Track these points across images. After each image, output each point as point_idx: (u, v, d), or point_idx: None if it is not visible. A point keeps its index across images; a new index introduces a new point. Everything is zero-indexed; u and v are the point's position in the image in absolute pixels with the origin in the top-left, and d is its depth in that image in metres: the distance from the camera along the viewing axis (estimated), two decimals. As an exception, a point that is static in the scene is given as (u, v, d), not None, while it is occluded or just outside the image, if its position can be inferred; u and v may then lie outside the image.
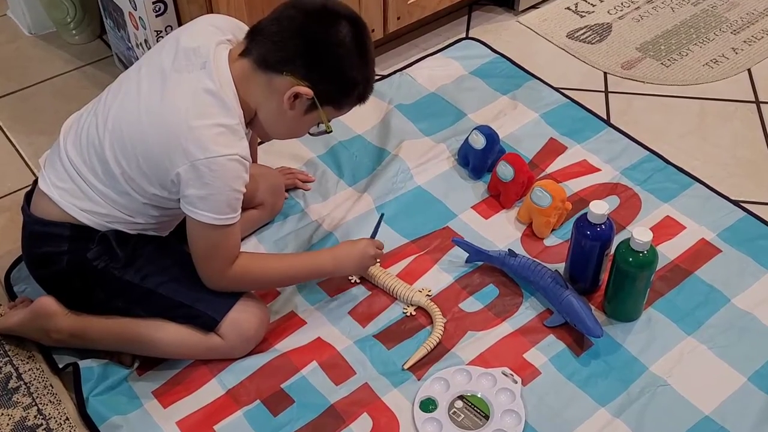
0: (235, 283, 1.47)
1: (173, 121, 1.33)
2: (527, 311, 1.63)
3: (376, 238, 1.64)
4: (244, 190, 1.39)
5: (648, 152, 1.96)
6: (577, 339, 1.58)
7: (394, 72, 2.20)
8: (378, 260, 1.67)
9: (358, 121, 2.02)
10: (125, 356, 1.54)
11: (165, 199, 1.42)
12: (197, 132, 1.32)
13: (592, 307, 1.62)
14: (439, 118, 2.06)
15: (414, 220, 1.81)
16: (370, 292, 1.66)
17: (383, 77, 2.19)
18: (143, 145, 1.37)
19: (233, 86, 1.36)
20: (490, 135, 1.86)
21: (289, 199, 1.85)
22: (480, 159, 1.88)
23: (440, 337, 1.57)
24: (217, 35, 1.41)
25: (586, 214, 1.56)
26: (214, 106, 1.34)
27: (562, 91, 2.15)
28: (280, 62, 1.35)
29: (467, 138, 1.90)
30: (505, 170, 1.81)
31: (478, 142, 1.86)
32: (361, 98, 1.42)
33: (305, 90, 1.35)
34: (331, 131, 1.43)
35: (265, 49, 1.36)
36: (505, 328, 1.60)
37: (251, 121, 1.44)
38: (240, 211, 1.40)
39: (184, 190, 1.36)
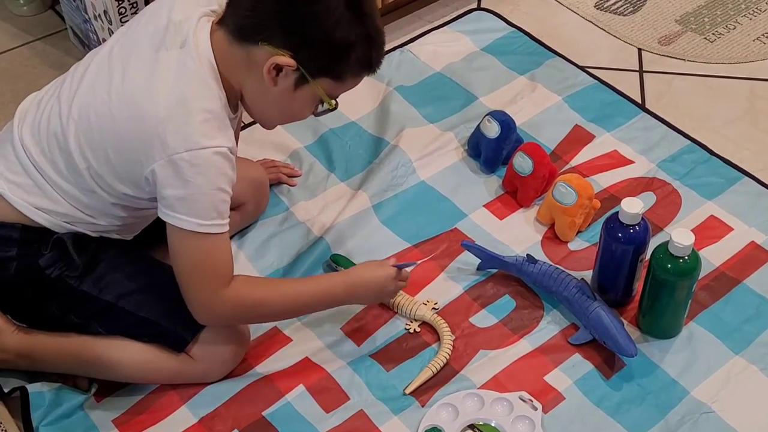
0: (229, 311, 1.44)
1: (150, 108, 1.32)
2: (549, 326, 1.63)
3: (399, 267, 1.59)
4: (231, 192, 1.38)
5: (689, 141, 1.97)
6: (607, 359, 1.58)
7: (394, 48, 2.20)
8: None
9: (351, 105, 2.02)
10: (81, 380, 1.54)
11: (137, 199, 1.43)
12: (178, 120, 1.32)
13: (625, 322, 1.62)
14: (445, 102, 2.07)
15: (417, 220, 1.82)
16: (365, 304, 1.67)
17: (381, 55, 2.19)
18: (114, 136, 1.36)
19: (214, 64, 1.36)
20: (506, 122, 1.87)
21: (272, 197, 1.85)
22: (494, 149, 1.88)
23: (448, 356, 1.57)
24: (202, 5, 1.41)
25: (617, 213, 1.57)
26: (196, 90, 1.34)
27: (590, 70, 2.15)
28: (255, 30, 1.33)
29: (479, 125, 1.91)
30: (522, 162, 1.81)
31: (492, 129, 1.87)
32: (366, 63, 1.37)
33: (284, 60, 1.32)
34: (335, 107, 1.40)
35: (240, 16, 1.35)
36: (523, 346, 1.61)
37: (239, 104, 1.44)
38: (228, 219, 1.38)
39: (162, 190, 1.35)
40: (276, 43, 1.32)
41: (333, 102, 1.40)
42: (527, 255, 1.68)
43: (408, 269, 1.59)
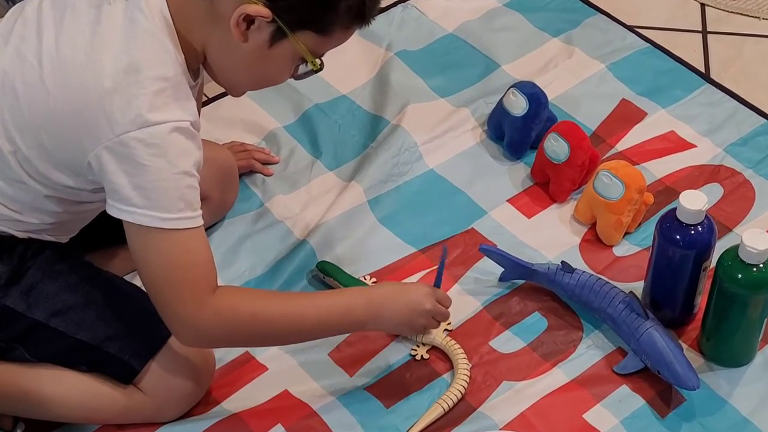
0: (221, 326, 1.41)
1: (92, 77, 1.32)
2: (589, 352, 1.64)
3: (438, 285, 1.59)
4: (198, 176, 1.37)
5: (765, 120, 1.97)
6: (662, 392, 1.58)
7: (395, 3, 2.20)
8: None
9: (342, 74, 2.02)
10: (5, 418, 1.54)
11: (76, 190, 1.42)
12: (127, 91, 1.31)
13: (684, 346, 1.62)
14: (459, 71, 2.07)
15: (424, 219, 1.82)
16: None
17: (379, 11, 2.18)
18: (48, 112, 1.36)
19: (169, 18, 1.36)
20: (535, 95, 1.87)
21: (242, 188, 1.85)
22: (520, 130, 1.88)
23: (463, 390, 1.57)
24: None
25: (674, 210, 1.57)
26: (149, 53, 1.34)
27: (640, 30, 2.15)
28: None
29: (501, 100, 1.91)
30: (556, 146, 1.81)
31: (518, 105, 1.87)
32: (359, 13, 1.37)
33: (257, 9, 1.32)
34: (321, 68, 1.40)
35: None
36: (558, 376, 1.61)
37: (202, 66, 1.44)
38: (200, 209, 1.37)
39: (110, 178, 1.33)
40: None
41: (317, 61, 1.39)
42: (562, 262, 1.68)
43: (445, 295, 1.58)
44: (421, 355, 1.63)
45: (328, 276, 1.70)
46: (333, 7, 1.34)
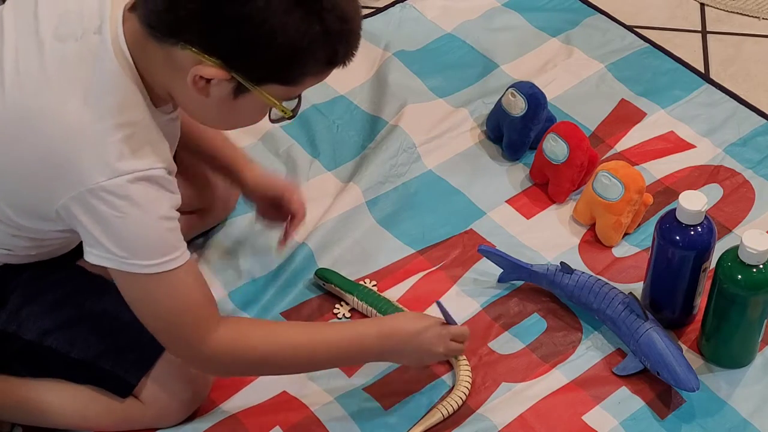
0: (226, 362, 1.41)
1: (55, 125, 1.26)
2: (588, 353, 1.64)
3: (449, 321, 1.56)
4: (177, 214, 1.33)
5: (765, 120, 1.97)
6: (662, 394, 1.58)
7: (394, 3, 2.20)
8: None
9: (339, 74, 2.00)
10: (3, 425, 1.54)
11: (47, 232, 1.39)
12: (93, 139, 1.25)
13: (684, 347, 1.62)
14: (458, 71, 2.07)
15: (422, 220, 1.82)
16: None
17: (377, 11, 2.19)
18: (8, 158, 1.30)
19: (131, 62, 1.28)
20: (534, 96, 1.87)
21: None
22: (519, 131, 1.89)
23: (465, 394, 1.57)
24: None
25: (674, 210, 1.57)
26: (115, 97, 1.27)
27: (639, 30, 2.15)
28: (172, 30, 1.24)
29: (500, 100, 1.91)
30: (555, 147, 1.81)
31: (516, 106, 1.87)
32: (330, 62, 1.29)
33: (212, 72, 1.24)
34: (292, 116, 1.32)
35: (150, 8, 1.25)
36: (557, 377, 1.61)
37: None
38: (184, 243, 1.34)
39: (85, 229, 1.28)
40: (200, 48, 1.23)
41: (288, 110, 1.31)
42: (561, 263, 1.68)
43: (457, 326, 1.56)
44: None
45: (327, 283, 1.70)
46: (299, 63, 1.26)
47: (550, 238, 1.79)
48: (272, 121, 1.35)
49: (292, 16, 1.21)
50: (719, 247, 1.59)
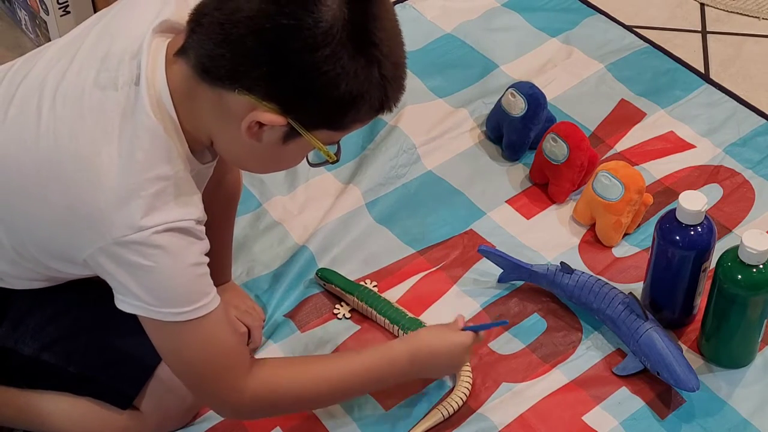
0: (259, 407, 1.41)
1: (83, 172, 1.24)
2: (588, 353, 1.64)
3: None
4: (207, 259, 1.31)
5: (765, 120, 1.98)
6: (662, 394, 1.59)
7: (393, 3, 2.20)
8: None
9: (340, 75, 2.02)
10: (2, 431, 1.55)
11: (72, 274, 1.38)
12: (125, 194, 1.23)
13: (684, 347, 1.63)
14: (458, 72, 2.07)
15: (423, 220, 1.82)
16: (359, 326, 1.67)
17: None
18: (35, 202, 1.28)
19: (173, 112, 1.26)
20: (534, 96, 1.87)
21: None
22: (519, 131, 1.89)
23: (465, 395, 1.57)
24: (153, 13, 1.30)
25: (673, 210, 1.57)
26: (151, 151, 1.25)
27: (639, 31, 2.15)
28: (229, 75, 1.21)
29: (500, 100, 1.91)
30: (555, 147, 1.82)
31: (516, 106, 1.87)
32: (379, 109, 1.28)
33: (270, 118, 1.22)
34: (336, 161, 1.32)
35: (206, 52, 1.22)
36: (557, 378, 1.61)
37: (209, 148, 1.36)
38: (214, 288, 1.32)
39: (114, 278, 1.27)
40: (258, 94, 1.22)
41: (332, 155, 1.31)
42: (561, 263, 1.69)
43: (482, 333, 1.57)
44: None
45: (328, 283, 1.71)
46: (355, 109, 1.25)
47: (550, 239, 1.80)
48: (311, 164, 1.35)
49: (355, 64, 1.20)
50: (719, 247, 1.60)
